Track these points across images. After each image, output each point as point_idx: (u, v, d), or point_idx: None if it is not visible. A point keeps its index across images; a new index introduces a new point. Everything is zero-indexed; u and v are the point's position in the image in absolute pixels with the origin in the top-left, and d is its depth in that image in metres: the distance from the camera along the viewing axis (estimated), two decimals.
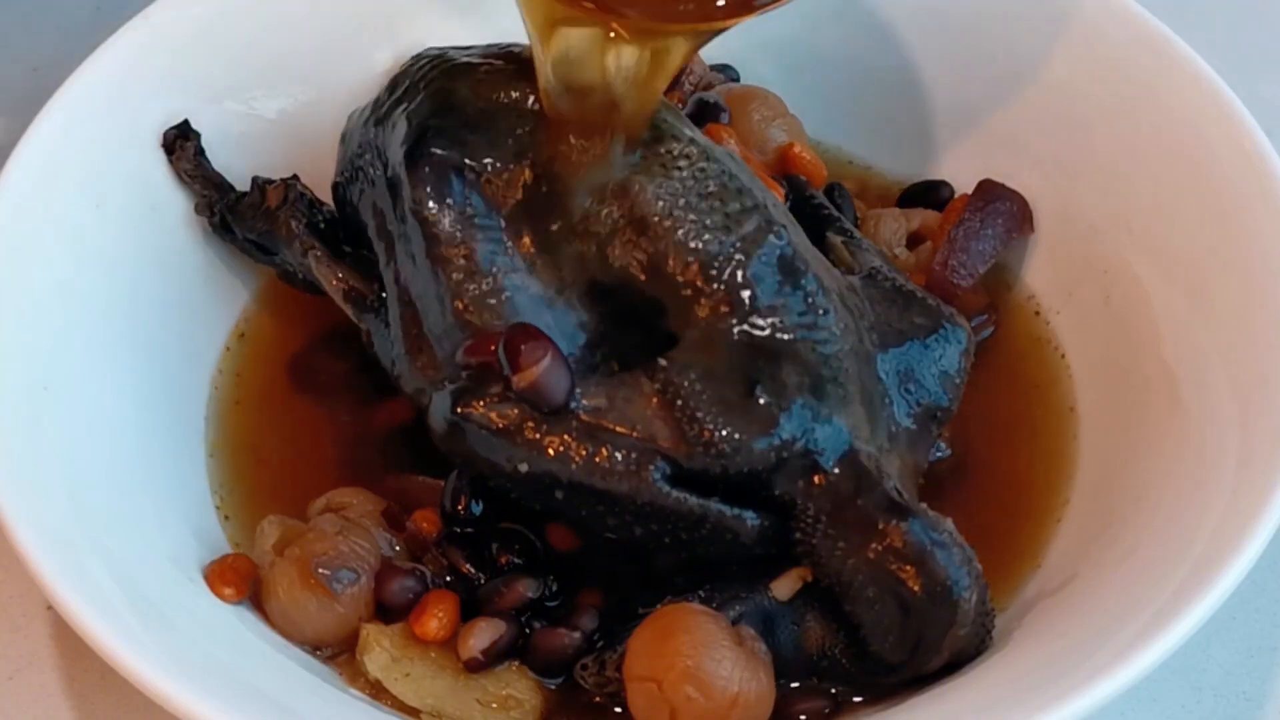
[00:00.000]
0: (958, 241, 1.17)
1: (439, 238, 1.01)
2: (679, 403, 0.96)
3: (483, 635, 0.99)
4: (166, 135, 1.15)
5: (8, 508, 0.94)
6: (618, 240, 1.01)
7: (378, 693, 0.99)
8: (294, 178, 1.14)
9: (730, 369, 0.98)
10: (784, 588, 0.99)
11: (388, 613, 1.02)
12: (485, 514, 1.04)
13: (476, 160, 1.02)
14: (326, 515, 1.04)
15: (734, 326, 0.99)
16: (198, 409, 1.13)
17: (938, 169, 1.25)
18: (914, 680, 0.98)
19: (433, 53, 1.09)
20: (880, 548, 0.95)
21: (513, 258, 1.01)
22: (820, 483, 0.97)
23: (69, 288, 1.07)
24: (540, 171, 1.02)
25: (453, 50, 1.09)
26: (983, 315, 1.17)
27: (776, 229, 1.01)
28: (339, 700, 0.98)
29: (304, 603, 1.01)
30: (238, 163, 1.17)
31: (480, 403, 0.97)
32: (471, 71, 1.06)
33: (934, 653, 0.96)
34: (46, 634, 1.08)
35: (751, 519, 0.97)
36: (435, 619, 1.00)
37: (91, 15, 1.41)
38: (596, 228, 1.01)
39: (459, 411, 0.97)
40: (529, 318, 0.99)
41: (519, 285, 1.01)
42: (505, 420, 0.96)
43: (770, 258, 1.00)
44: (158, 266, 1.13)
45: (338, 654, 1.01)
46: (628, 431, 0.96)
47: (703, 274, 1.00)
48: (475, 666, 0.99)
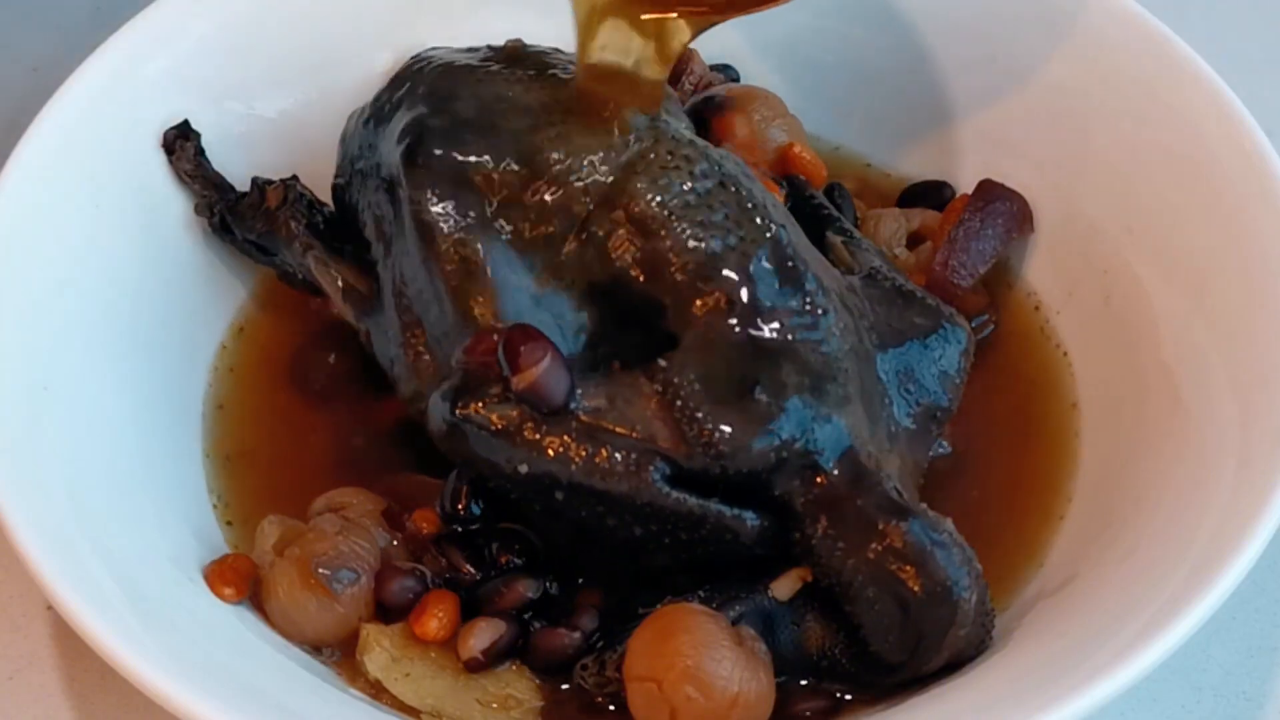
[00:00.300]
0: (958, 242, 1.17)
1: (438, 238, 1.01)
2: (678, 403, 0.96)
3: (483, 635, 0.99)
4: (166, 135, 1.15)
5: (8, 508, 0.94)
6: (617, 240, 1.01)
7: (378, 693, 0.99)
8: (294, 178, 1.14)
9: (730, 369, 0.98)
10: (784, 588, 0.99)
11: (388, 613, 1.02)
12: (485, 514, 1.04)
13: (476, 161, 1.02)
14: (326, 515, 1.04)
15: (733, 327, 0.99)
16: (197, 408, 1.13)
17: (938, 169, 1.25)
18: (914, 680, 0.98)
19: (432, 53, 1.09)
20: (880, 548, 0.95)
21: (512, 258, 1.01)
22: (820, 483, 0.97)
23: (69, 288, 1.07)
24: (540, 172, 1.02)
25: (452, 51, 1.09)
26: (983, 315, 1.17)
27: (776, 229, 1.01)
28: (339, 700, 0.98)
29: (304, 603, 1.01)
30: (238, 163, 1.17)
31: (480, 403, 0.97)
32: (471, 72, 1.06)
33: (934, 653, 0.96)
34: (46, 634, 1.08)
35: (751, 519, 0.97)
36: (435, 619, 1.00)
37: (91, 15, 1.41)
38: (596, 228, 1.01)
39: (458, 412, 0.97)
40: (528, 318, 0.99)
41: (518, 285, 1.00)
42: (505, 421, 0.96)
43: (770, 258, 1.00)
44: (157, 266, 1.13)
45: (338, 654, 1.02)
46: (627, 432, 0.96)
47: (702, 274, 0.99)
48: (475, 666, 0.99)
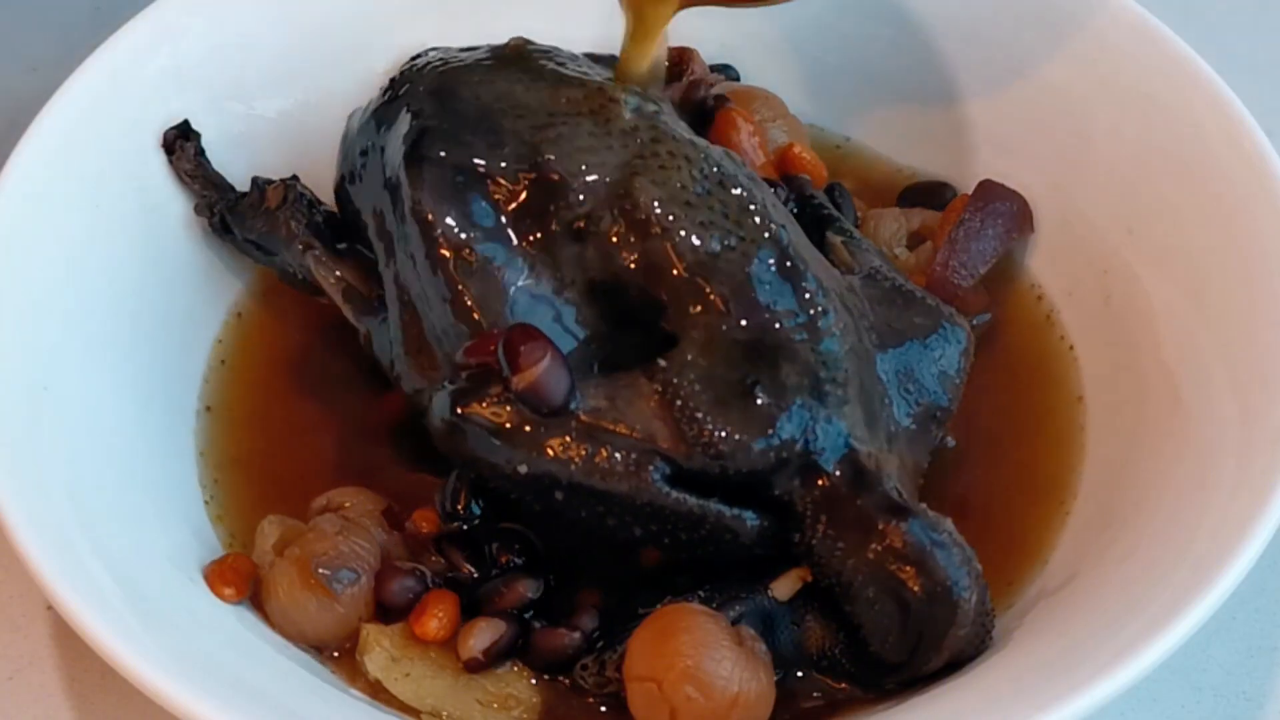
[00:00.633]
0: (958, 242, 1.16)
1: (438, 238, 1.01)
2: (678, 403, 0.96)
3: (483, 635, 0.99)
4: (166, 135, 1.15)
5: (8, 508, 0.94)
6: (617, 240, 1.01)
7: (378, 693, 0.99)
8: (294, 178, 1.14)
9: (729, 369, 0.98)
10: (784, 588, 0.99)
11: (388, 613, 1.02)
12: (485, 514, 1.04)
13: (476, 161, 1.02)
14: (326, 515, 1.04)
15: (733, 327, 0.99)
16: (197, 408, 1.13)
17: (938, 169, 1.25)
18: (914, 680, 0.98)
19: (432, 53, 1.09)
20: (880, 548, 0.95)
21: (512, 258, 1.01)
22: (820, 483, 0.97)
23: (69, 288, 1.07)
24: (540, 172, 1.02)
25: (452, 51, 1.09)
26: (984, 315, 1.17)
27: (776, 229, 1.01)
28: (339, 700, 0.98)
29: (304, 603, 1.01)
30: (238, 163, 1.17)
31: (480, 403, 0.97)
32: (471, 72, 1.06)
33: (934, 653, 0.96)
34: (46, 634, 1.07)
35: (751, 519, 0.97)
36: (435, 619, 1.00)
37: (91, 15, 1.41)
38: (596, 228, 1.01)
39: (459, 412, 0.97)
40: (529, 318, 0.99)
41: (518, 285, 1.00)
42: (505, 421, 0.96)
43: (769, 258, 1.00)
44: (157, 266, 1.13)
45: (338, 654, 1.02)
46: (627, 432, 0.96)
47: (702, 274, 0.99)
48: (475, 667, 0.99)
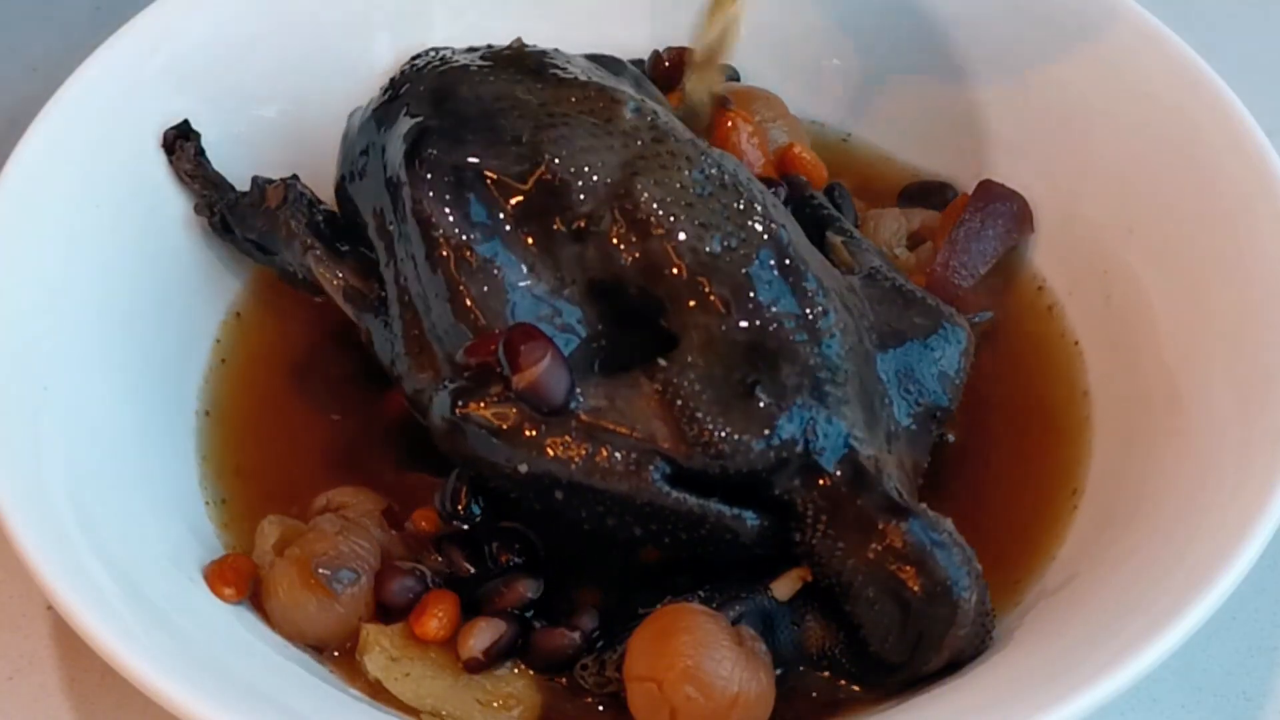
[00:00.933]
0: (959, 242, 1.17)
1: (439, 238, 1.01)
2: (679, 403, 0.96)
3: (483, 635, 0.99)
4: (166, 135, 1.15)
5: (8, 508, 0.94)
6: (618, 240, 1.01)
7: (377, 693, 0.99)
8: (294, 178, 1.14)
9: (730, 369, 0.98)
10: (784, 588, 0.99)
11: (388, 613, 1.02)
12: (485, 513, 1.04)
13: (476, 161, 1.02)
14: (326, 515, 1.04)
15: (734, 327, 0.99)
16: (196, 409, 1.13)
17: (938, 169, 1.25)
18: (914, 680, 0.98)
19: (432, 53, 1.09)
20: (880, 548, 0.95)
21: (512, 258, 1.01)
22: (820, 483, 0.97)
23: (69, 287, 1.07)
24: (541, 172, 1.02)
25: (452, 51, 1.09)
26: (984, 314, 1.17)
27: (776, 229, 1.01)
28: (339, 700, 0.98)
29: (304, 603, 1.01)
30: (238, 163, 1.17)
31: (480, 403, 0.97)
32: (471, 72, 1.06)
33: (934, 653, 0.96)
34: (46, 634, 1.07)
35: (751, 519, 0.97)
36: (435, 619, 1.00)
37: (91, 15, 1.41)
38: (596, 228, 1.01)
39: (459, 411, 0.97)
40: (529, 318, 0.99)
41: (519, 285, 1.00)
42: (505, 420, 0.96)
43: (770, 258, 1.00)
44: (157, 266, 1.13)
45: (337, 654, 1.02)
46: (627, 431, 0.96)
47: (702, 274, 0.99)
48: (475, 666, 0.99)
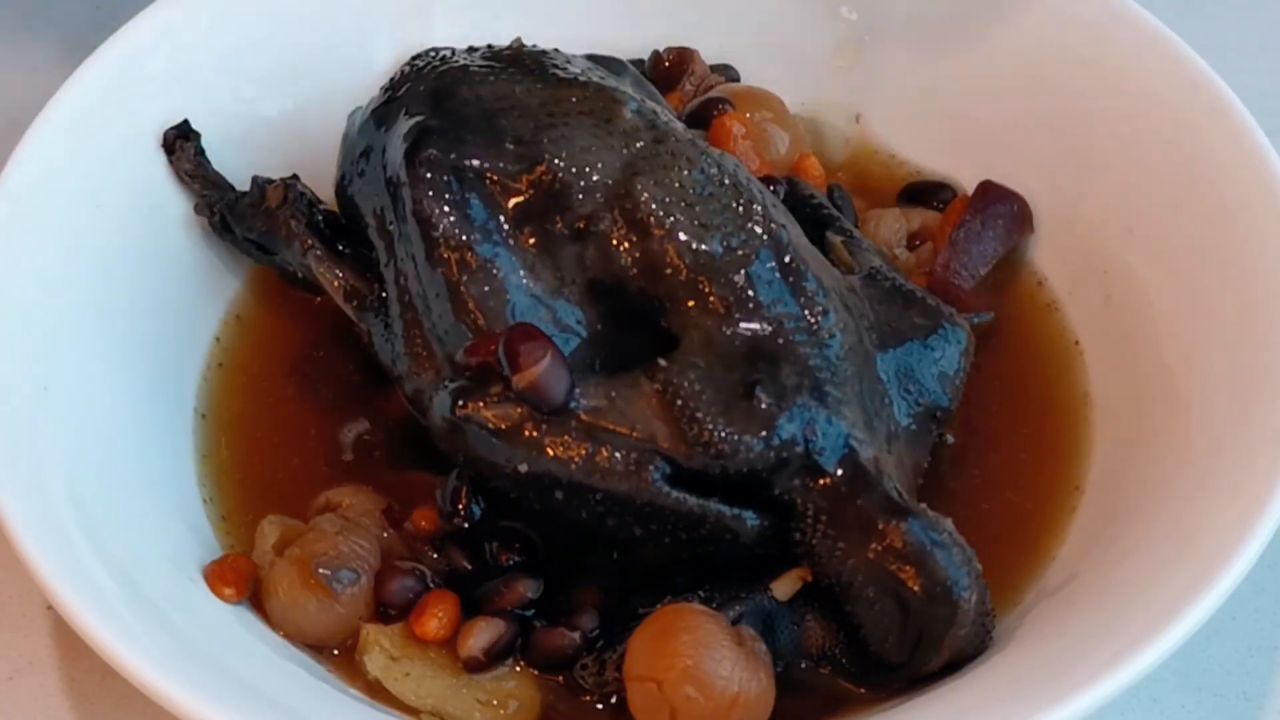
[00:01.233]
0: (959, 244, 1.17)
1: (439, 238, 1.01)
2: (679, 403, 0.96)
3: (483, 635, 0.99)
4: (166, 135, 1.15)
5: (8, 508, 0.94)
6: (618, 240, 1.01)
7: (377, 693, 0.99)
8: (294, 178, 1.14)
9: (730, 369, 0.98)
10: (784, 588, 0.99)
11: (388, 612, 1.02)
12: (485, 513, 1.04)
13: (476, 161, 1.02)
14: (326, 515, 1.04)
15: (734, 327, 0.99)
16: (196, 408, 1.13)
17: (938, 168, 1.25)
18: (914, 680, 0.98)
19: (432, 53, 1.09)
20: (880, 548, 0.95)
21: (513, 258, 1.01)
22: (820, 483, 0.97)
23: (69, 287, 1.07)
24: (541, 172, 1.01)
25: (452, 51, 1.09)
26: (985, 315, 1.17)
27: (776, 229, 1.01)
28: (339, 700, 0.98)
29: (304, 603, 1.01)
30: (238, 163, 1.17)
31: (480, 403, 0.97)
32: (471, 73, 1.06)
33: (934, 653, 0.96)
34: (46, 634, 1.07)
35: (751, 519, 0.97)
36: (435, 619, 1.00)
37: (91, 15, 1.41)
38: (597, 228, 1.01)
39: (459, 411, 0.97)
40: (529, 318, 0.99)
41: (519, 285, 1.00)
42: (505, 420, 0.96)
43: (770, 258, 1.00)
44: (157, 266, 1.13)
45: (337, 654, 1.02)
46: (627, 431, 0.96)
47: (702, 274, 0.99)
48: (475, 666, 0.99)
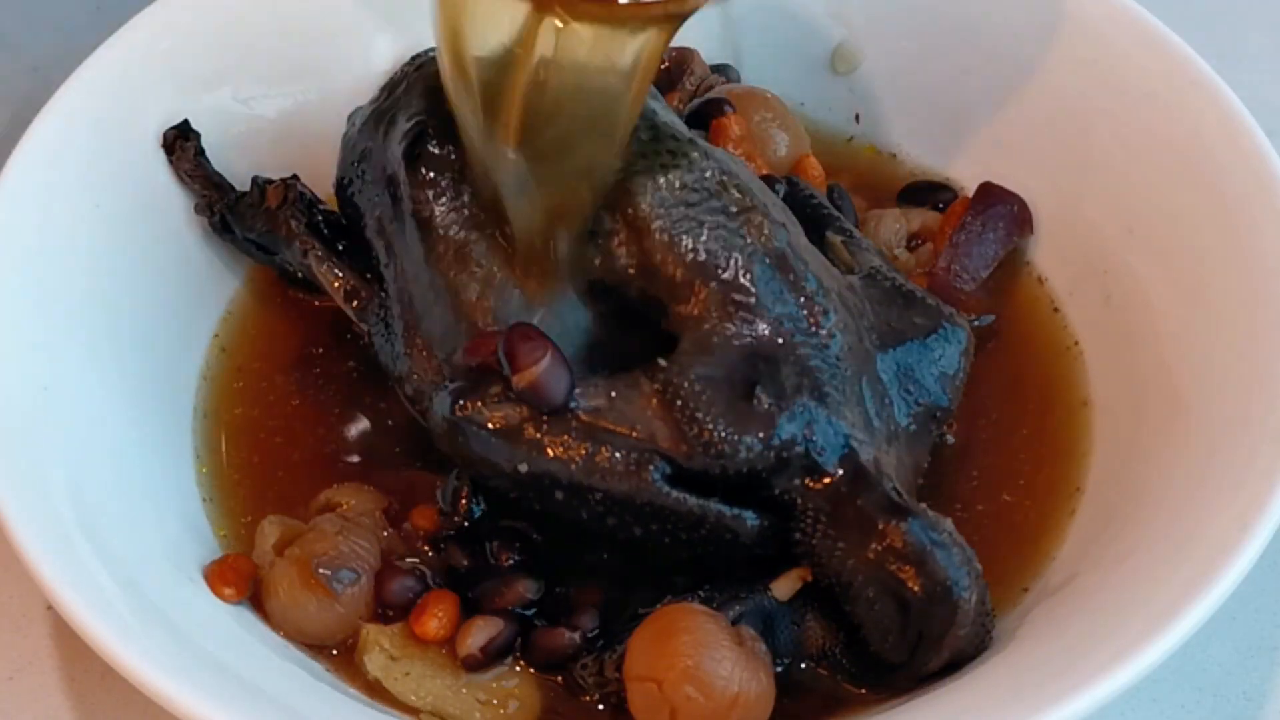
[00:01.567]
0: (959, 246, 1.17)
1: (438, 238, 1.01)
2: (679, 403, 0.96)
3: (480, 633, 0.99)
4: (166, 135, 1.15)
5: (8, 508, 0.94)
6: (618, 240, 1.01)
7: (377, 692, 0.99)
8: (294, 178, 1.14)
9: (730, 369, 0.97)
10: (784, 588, 0.99)
11: (388, 612, 1.02)
12: (485, 512, 1.04)
13: (476, 161, 1.02)
14: (326, 515, 1.04)
15: (734, 327, 0.99)
16: (196, 408, 1.13)
17: (938, 170, 1.25)
18: (914, 680, 0.98)
19: (432, 53, 1.09)
20: (880, 548, 0.95)
21: (512, 258, 1.01)
22: (820, 483, 0.97)
23: (68, 287, 1.07)
24: None
25: None
26: (986, 316, 1.17)
27: (776, 229, 1.01)
28: (339, 700, 0.98)
29: (304, 603, 1.01)
30: (238, 163, 1.17)
31: (480, 403, 0.97)
32: None
33: (934, 653, 0.96)
34: (46, 634, 1.07)
35: (751, 519, 0.97)
36: (435, 619, 1.00)
37: (91, 15, 1.41)
38: (596, 228, 1.01)
39: (459, 411, 0.97)
40: (528, 318, 0.99)
41: (519, 285, 1.00)
42: (505, 420, 0.96)
43: (770, 258, 1.00)
44: (157, 266, 1.13)
45: (337, 653, 1.02)
46: (627, 431, 0.96)
47: (702, 274, 0.99)
48: (473, 665, 0.99)
